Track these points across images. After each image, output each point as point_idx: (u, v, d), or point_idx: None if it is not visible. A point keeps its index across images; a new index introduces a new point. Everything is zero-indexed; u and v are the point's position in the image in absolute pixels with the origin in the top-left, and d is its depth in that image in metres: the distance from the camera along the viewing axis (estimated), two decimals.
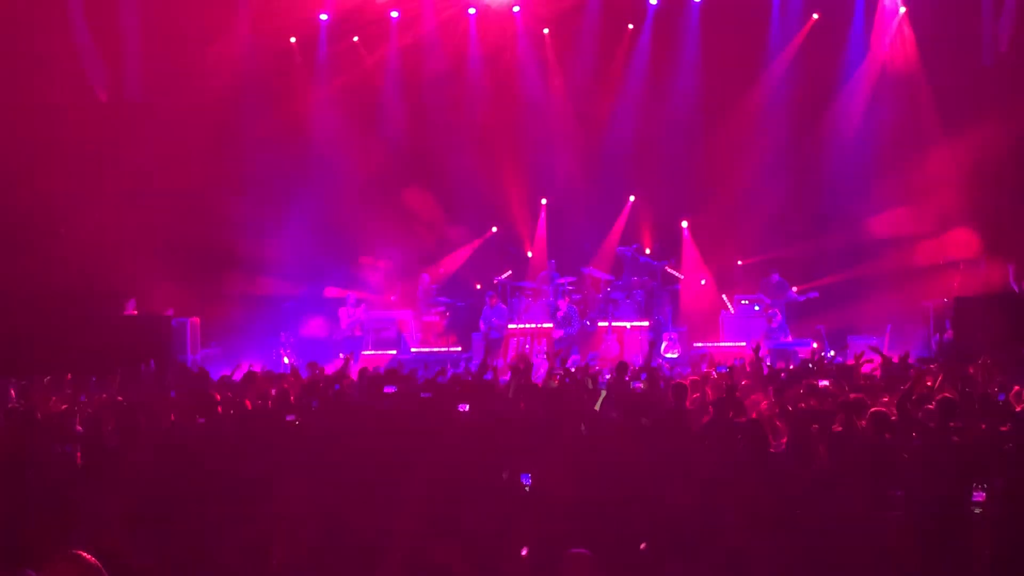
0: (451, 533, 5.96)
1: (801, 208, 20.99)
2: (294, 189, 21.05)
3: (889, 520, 6.70)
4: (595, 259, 21.33)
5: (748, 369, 13.20)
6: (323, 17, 21.46)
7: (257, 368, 14.62)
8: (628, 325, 19.55)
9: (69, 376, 13.29)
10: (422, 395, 11.27)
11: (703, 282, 21.32)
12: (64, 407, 10.90)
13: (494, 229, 22.29)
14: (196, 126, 19.80)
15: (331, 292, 20.89)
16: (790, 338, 19.05)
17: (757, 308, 19.82)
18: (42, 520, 7.00)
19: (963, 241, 18.78)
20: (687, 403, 10.23)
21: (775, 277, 20.11)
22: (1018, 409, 9.25)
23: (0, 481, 7.39)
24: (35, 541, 6.51)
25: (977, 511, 6.27)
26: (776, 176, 21.06)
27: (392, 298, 20.98)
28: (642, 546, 5.73)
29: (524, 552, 6.00)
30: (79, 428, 9.52)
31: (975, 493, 6.33)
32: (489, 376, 13.10)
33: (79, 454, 8.74)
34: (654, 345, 16.95)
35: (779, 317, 19.19)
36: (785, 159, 21.23)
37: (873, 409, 7.86)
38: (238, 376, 13.08)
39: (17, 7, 17.96)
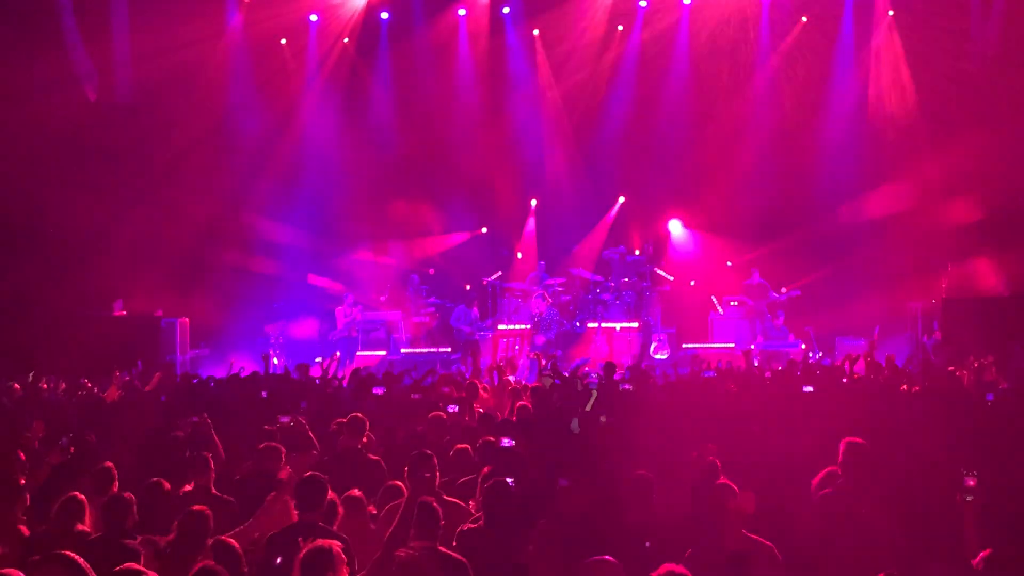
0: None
1: (790, 208, 21.06)
2: (284, 189, 21.05)
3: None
4: (584, 260, 21.36)
5: (742, 367, 13.25)
6: (313, 18, 21.47)
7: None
8: (617, 326, 19.57)
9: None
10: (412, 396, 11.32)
11: (692, 283, 21.35)
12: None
13: (484, 230, 22.30)
14: (185, 127, 19.87)
15: (314, 279, 20.94)
16: (790, 339, 19.12)
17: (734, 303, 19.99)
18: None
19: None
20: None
21: (756, 278, 20.17)
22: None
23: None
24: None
25: (968, 498, 6.29)
26: (766, 177, 21.14)
27: (382, 299, 20.97)
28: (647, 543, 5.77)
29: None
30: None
31: (966, 479, 6.34)
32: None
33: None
34: (645, 347, 17.03)
35: (782, 317, 19.27)
36: (774, 160, 21.29)
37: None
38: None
39: (7, 6, 17.92)
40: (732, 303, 20.27)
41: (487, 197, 21.94)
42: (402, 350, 19.43)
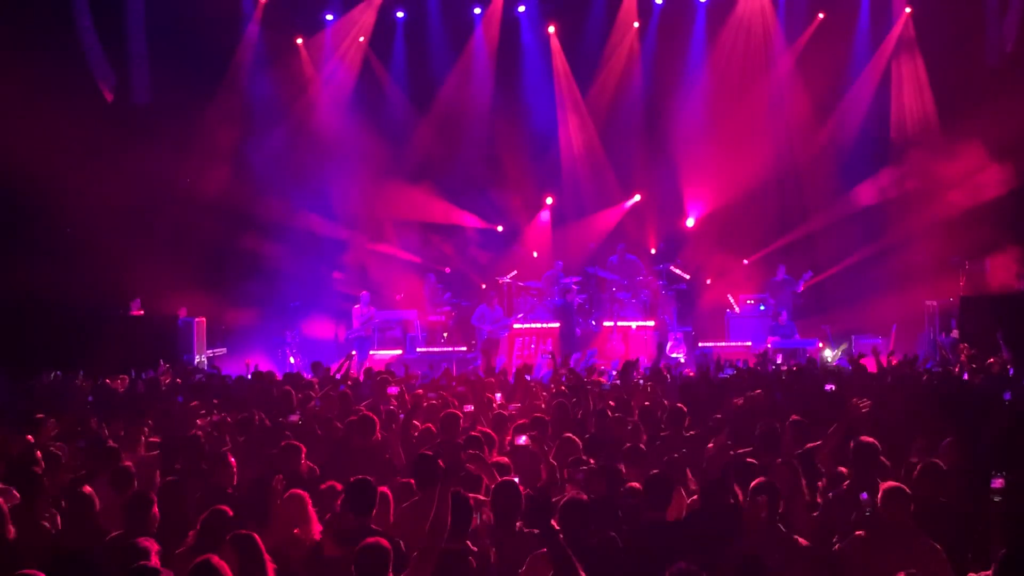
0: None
1: (805, 205, 21.08)
2: (301, 188, 21.11)
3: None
4: (600, 259, 21.32)
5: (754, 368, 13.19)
6: (329, 18, 21.54)
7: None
8: (633, 325, 19.53)
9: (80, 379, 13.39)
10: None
11: (708, 282, 21.30)
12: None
13: (499, 228, 22.29)
14: (202, 127, 19.96)
15: (338, 275, 21.05)
16: (797, 336, 19.03)
17: (763, 308, 19.81)
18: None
19: (994, 180, 18.71)
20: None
21: (781, 273, 20.11)
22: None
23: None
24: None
25: (996, 499, 6.27)
26: (783, 174, 21.14)
27: (397, 297, 21.00)
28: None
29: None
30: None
31: (994, 480, 6.32)
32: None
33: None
34: (661, 346, 17.00)
35: (784, 315, 19.18)
36: (790, 157, 21.28)
37: None
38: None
39: (24, 7, 18.01)
40: (748, 301, 20.17)
41: (503, 195, 21.95)
42: (418, 349, 19.45)
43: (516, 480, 6.69)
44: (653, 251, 21.53)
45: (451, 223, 22.14)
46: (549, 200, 22.26)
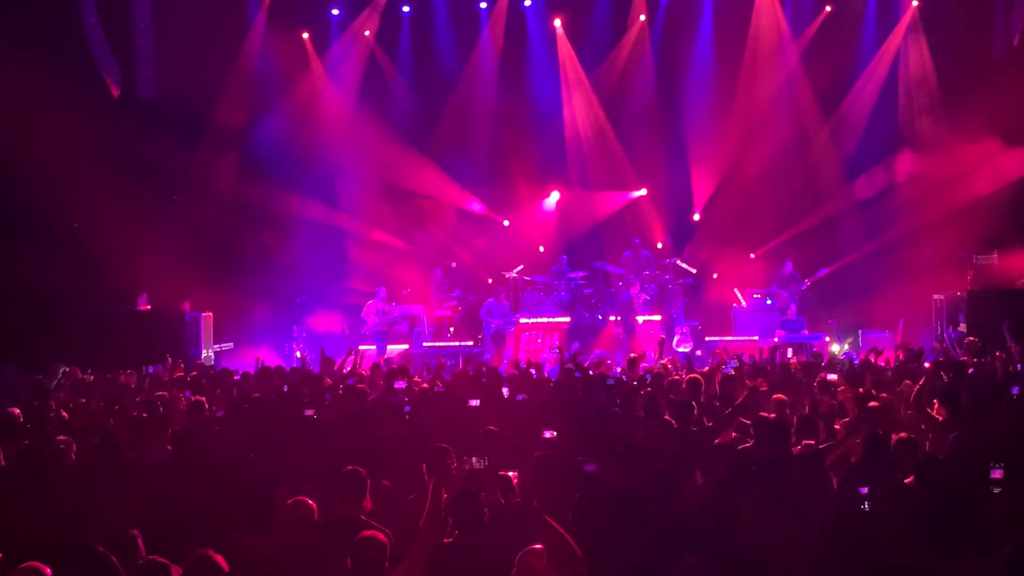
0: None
1: (812, 200, 21.05)
2: (307, 182, 21.12)
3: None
4: (607, 253, 21.32)
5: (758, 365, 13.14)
6: (335, 12, 21.56)
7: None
8: (640, 319, 19.54)
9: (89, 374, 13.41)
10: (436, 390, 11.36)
11: (715, 276, 21.28)
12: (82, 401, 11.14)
13: (506, 223, 22.28)
14: (208, 121, 19.97)
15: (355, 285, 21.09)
16: (806, 331, 19.00)
17: (769, 302, 19.79)
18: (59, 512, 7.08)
19: (1001, 173, 18.71)
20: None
21: (788, 268, 20.09)
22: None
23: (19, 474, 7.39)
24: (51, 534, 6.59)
25: (996, 490, 6.29)
26: (789, 168, 21.11)
27: (404, 292, 21.01)
28: None
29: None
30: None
31: (993, 471, 6.34)
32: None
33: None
34: (667, 340, 17.00)
35: (793, 309, 19.16)
36: (797, 151, 21.25)
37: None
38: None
39: (30, 3, 18.04)
40: (755, 295, 20.14)
41: (509, 190, 21.95)
42: (424, 344, 19.47)
43: (511, 474, 6.73)
44: (660, 245, 21.51)
45: (456, 218, 22.13)
46: (556, 195, 22.23)
